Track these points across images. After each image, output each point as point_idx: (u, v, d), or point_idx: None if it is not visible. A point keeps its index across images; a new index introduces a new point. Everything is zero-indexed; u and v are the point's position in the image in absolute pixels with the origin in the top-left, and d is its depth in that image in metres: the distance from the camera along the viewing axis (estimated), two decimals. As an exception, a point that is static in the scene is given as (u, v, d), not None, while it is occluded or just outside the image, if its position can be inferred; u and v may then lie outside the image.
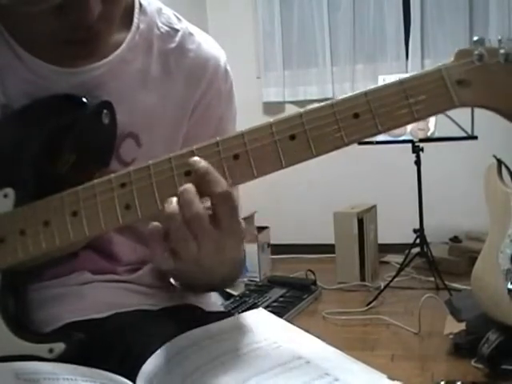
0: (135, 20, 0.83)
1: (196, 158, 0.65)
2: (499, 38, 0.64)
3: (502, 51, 0.63)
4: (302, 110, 0.65)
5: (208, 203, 0.64)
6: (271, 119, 0.65)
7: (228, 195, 0.63)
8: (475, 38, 0.64)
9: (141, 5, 0.84)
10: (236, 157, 0.65)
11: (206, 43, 0.88)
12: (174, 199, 0.63)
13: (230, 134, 0.66)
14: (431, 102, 0.64)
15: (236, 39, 3.69)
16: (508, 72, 0.63)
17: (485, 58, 0.63)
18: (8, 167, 0.74)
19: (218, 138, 0.66)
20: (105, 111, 0.76)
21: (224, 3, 3.92)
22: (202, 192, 0.63)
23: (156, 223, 0.62)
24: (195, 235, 0.62)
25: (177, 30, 0.86)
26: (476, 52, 0.64)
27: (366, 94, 0.64)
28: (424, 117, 0.64)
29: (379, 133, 0.64)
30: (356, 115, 0.64)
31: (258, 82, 3.89)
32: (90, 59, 0.79)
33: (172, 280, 0.89)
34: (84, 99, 0.75)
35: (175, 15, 0.88)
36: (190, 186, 0.63)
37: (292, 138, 0.64)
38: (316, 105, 0.65)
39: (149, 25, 0.84)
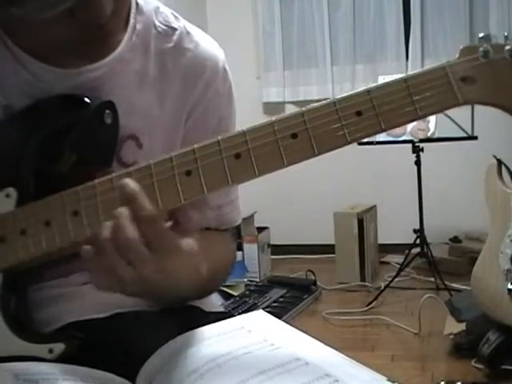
0: (131, 20, 0.82)
1: (124, 181, 0.64)
2: (506, 34, 0.62)
3: (507, 47, 0.62)
4: (304, 108, 0.64)
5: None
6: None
7: (153, 219, 0.63)
8: (481, 35, 0.63)
9: (137, 4, 0.83)
10: (237, 156, 0.64)
11: (205, 42, 0.87)
12: (107, 226, 0.62)
13: (232, 133, 0.65)
14: (435, 99, 0.63)
15: (236, 39, 3.69)
16: None
17: (490, 55, 0.62)
18: (10, 167, 0.74)
19: (219, 137, 0.65)
20: (107, 111, 0.75)
21: (224, 3, 3.91)
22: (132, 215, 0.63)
23: (87, 247, 0.63)
24: (129, 260, 0.62)
25: (174, 29, 0.85)
26: (481, 48, 0.62)
27: (368, 91, 0.63)
28: (428, 114, 0.63)
29: (382, 131, 0.63)
30: (359, 113, 0.63)
31: (258, 82, 3.88)
32: (88, 60, 0.78)
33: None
34: (86, 99, 0.75)
35: (173, 14, 0.87)
36: (122, 211, 0.62)
37: (294, 136, 0.64)
38: (318, 103, 0.64)
39: (146, 24, 0.83)
